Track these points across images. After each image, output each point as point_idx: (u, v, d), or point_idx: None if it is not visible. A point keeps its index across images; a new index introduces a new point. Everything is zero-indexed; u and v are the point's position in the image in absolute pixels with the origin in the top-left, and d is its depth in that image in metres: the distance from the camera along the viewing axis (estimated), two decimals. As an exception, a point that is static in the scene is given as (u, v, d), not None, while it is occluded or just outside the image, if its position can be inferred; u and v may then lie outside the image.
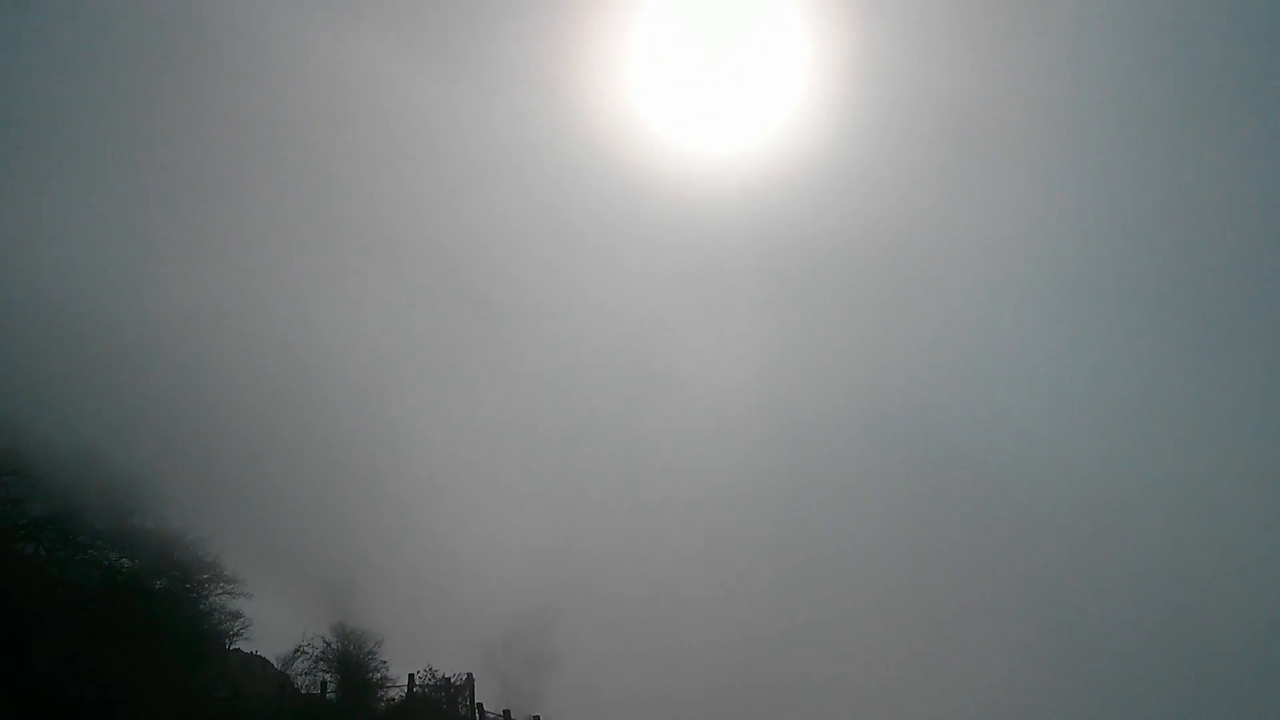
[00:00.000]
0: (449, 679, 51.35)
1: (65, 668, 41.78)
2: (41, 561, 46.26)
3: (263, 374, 70.03)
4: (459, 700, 50.86)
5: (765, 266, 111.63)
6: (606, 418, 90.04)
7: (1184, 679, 70.13)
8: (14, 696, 38.34)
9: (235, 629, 53.02)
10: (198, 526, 51.24)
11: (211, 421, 60.25)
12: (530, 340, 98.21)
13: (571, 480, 79.47)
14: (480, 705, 50.01)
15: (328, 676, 52.18)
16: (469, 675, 51.38)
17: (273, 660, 55.25)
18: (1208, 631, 74.45)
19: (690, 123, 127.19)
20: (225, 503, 56.15)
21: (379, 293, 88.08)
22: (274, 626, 53.02)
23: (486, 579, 60.53)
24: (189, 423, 58.23)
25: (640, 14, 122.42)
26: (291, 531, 58.81)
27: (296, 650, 53.20)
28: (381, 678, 52.50)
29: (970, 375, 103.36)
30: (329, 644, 52.88)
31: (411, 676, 51.41)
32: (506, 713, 48.11)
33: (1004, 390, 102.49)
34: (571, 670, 53.10)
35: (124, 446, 51.27)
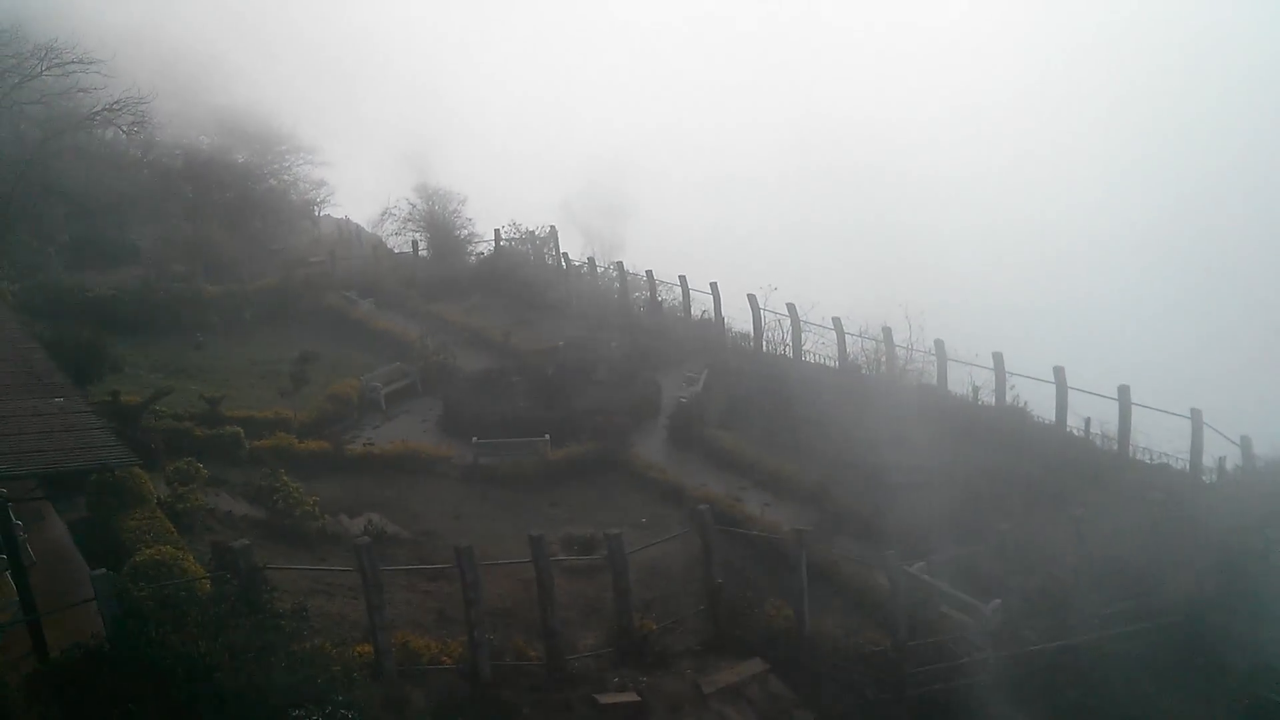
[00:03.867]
0: (533, 232, 52.78)
1: (164, 244, 44.26)
2: (124, 145, 47.53)
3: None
4: (544, 251, 52.53)
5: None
6: None
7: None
8: (120, 276, 40.93)
9: (322, 197, 54.92)
10: (270, 99, 51.60)
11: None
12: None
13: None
14: (565, 255, 51.52)
15: (417, 236, 54.30)
16: (552, 228, 52.61)
17: (363, 224, 57.46)
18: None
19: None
20: (295, 73, 56.03)
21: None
22: (359, 192, 54.54)
23: (560, 133, 60.36)
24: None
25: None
26: (364, 97, 58.91)
27: (384, 213, 55.11)
28: (468, 234, 54.33)
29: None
30: (414, 205, 54.53)
31: (497, 232, 52.92)
32: (591, 260, 49.51)
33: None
34: (649, 217, 53.71)
35: (187, 24, 50.74)
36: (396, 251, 54.37)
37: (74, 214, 43.18)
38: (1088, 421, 29.98)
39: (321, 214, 57.05)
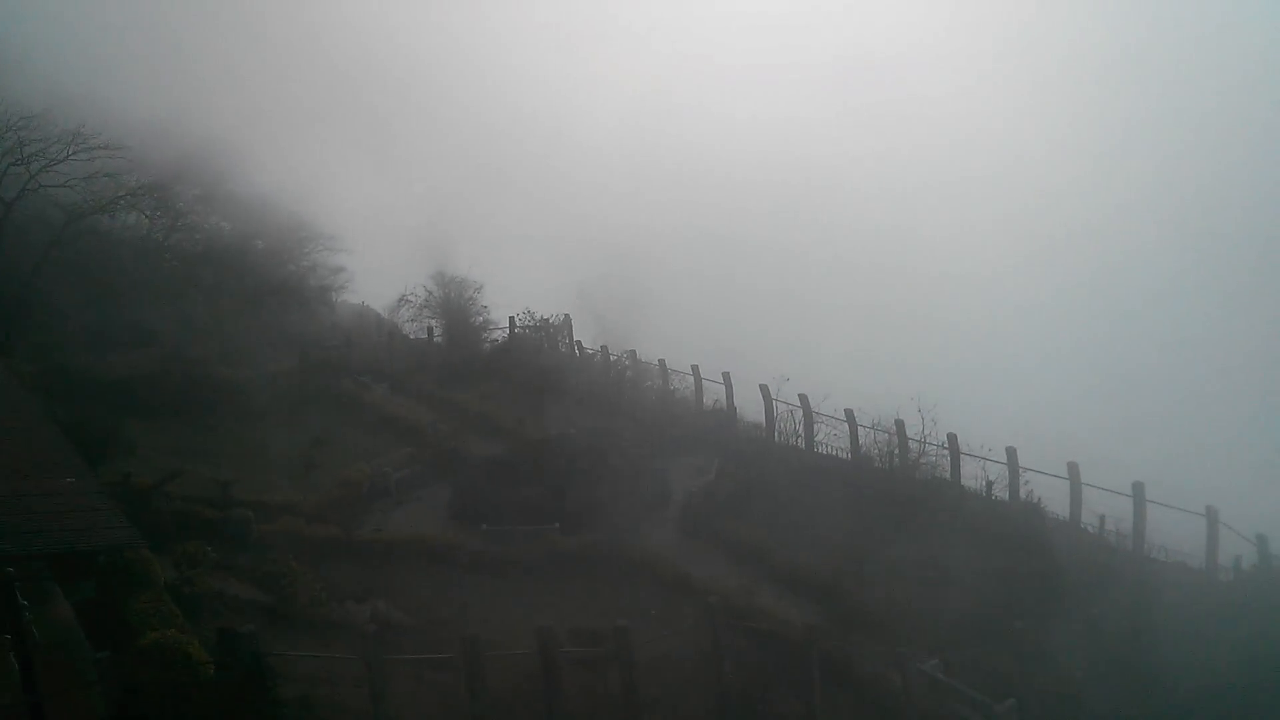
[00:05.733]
0: (547, 319, 53.16)
1: (182, 328, 44.55)
2: (146, 228, 48.26)
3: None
4: (558, 339, 52.87)
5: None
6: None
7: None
8: (137, 358, 41.15)
9: (339, 283, 55.60)
10: (290, 187, 52.48)
11: (295, 80, 60.35)
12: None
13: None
14: (579, 343, 51.81)
15: (433, 322, 54.75)
16: (566, 316, 53.02)
17: (380, 311, 57.99)
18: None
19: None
20: (315, 162, 57.08)
21: None
22: (377, 278, 55.18)
23: (578, 223, 61.06)
24: (271, 84, 58.39)
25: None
26: (384, 184, 59.93)
27: (400, 299, 55.70)
28: (483, 321, 54.72)
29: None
30: (431, 292, 55.08)
31: (511, 319, 53.38)
32: (604, 348, 49.69)
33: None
34: (663, 307, 54.04)
35: (210, 113, 51.88)
36: (412, 338, 54.78)
37: (94, 296, 43.59)
38: (1102, 519, 29.74)
39: (339, 300, 57.67)
